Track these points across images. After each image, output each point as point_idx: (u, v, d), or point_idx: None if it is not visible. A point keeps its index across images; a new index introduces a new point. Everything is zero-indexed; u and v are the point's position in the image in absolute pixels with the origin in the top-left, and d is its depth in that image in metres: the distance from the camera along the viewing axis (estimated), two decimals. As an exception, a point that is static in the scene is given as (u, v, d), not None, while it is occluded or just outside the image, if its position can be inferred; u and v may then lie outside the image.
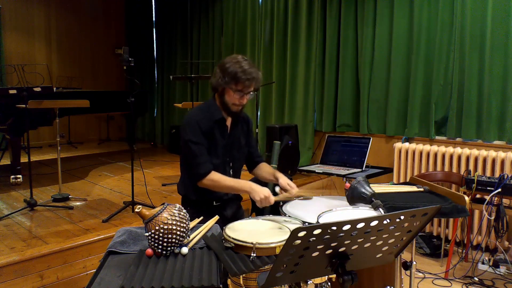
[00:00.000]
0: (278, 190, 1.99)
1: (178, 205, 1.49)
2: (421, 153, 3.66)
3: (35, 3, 6.92)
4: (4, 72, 5.98)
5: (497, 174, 3.20)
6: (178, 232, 1.40)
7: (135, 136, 7.62)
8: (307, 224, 1.62)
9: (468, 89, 3.50)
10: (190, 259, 1.38)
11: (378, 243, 1.12)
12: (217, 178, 1.92)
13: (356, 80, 4.41)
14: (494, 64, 3.35)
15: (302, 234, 0.95)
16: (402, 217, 1.09)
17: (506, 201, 2.88)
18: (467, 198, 1.92)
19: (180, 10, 6.76)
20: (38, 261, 2.38)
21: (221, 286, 1.22)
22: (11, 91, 3.50)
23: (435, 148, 3.59)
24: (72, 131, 7.36)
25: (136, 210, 1.40)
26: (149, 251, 1.41)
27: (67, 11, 7.32)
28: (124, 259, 1.40)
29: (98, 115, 7.70)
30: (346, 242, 1.05)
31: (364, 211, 1.70)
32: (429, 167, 3.61)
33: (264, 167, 2.21)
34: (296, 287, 1.44)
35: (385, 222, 1.05)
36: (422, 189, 2.12)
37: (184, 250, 1.42)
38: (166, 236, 1.38)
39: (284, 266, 1.03)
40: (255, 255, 1.35)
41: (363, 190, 1.64)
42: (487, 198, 2.81)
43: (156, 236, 1.38)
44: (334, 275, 1.18)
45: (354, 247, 1.08)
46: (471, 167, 3.35)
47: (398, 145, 3.83)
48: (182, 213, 1.46)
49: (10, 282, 2.26)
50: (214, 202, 2.06)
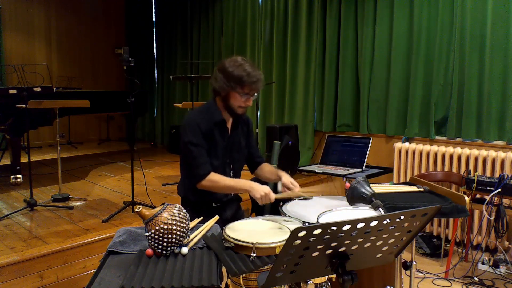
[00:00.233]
0: (280, 188, 1.99)
1: (178, 205, 1.49)
2: (421, 153, 3.66)
3: (35, 3, 6.92)
4: (4, 72, 5.97)
5: (497, 174, 3.20)
6: (178, 232, 1.40)
7: (135, 136, 7.62)
8: (307, 224, 1.62)
9: (468, 89, 3.50)
10: (190, 259, 1.38)
11: (378, 243, 1.12)
12: (216, 179, 1.92)
13: (356, 80, 4.41)
14: (494, 64, 3.35)
15: (302, 234, 0.95)
16: (402, 217, 1.09)
17: (506, 201, 2.88)
18: (467, 198, 1.92)
19: (180, 10, 6.76)
20: (38, 261, 2.38)
21: (221, 286, 1.22)
22: (11, 91, 3.50)
23: (435, 148, 3.59)
24: (72, 131, 7.36)
25: (136, 210, 1.40)
26: (149, 251, 1.41)
27: (67, 11, 7.32)
28: (124, 259, 1.41)
29: (98, 115, 7.70)
30: (346, 242, 1.05)
31: (364, 211, 1.70)
32: (429, 167, 3.61)
33: (266, 167, 2.22)
34: (296, 287, 1.44)
35: (385, 222, 1.05)
36: (422, 189, 2.12)
37: (184, 250, 1.42)
38: (166, 236, 1.38)
39: (284, 266, 1.03)
40: (255, 255, 1.35)
41: (363, 190, 1.64)
42: (487, 198, 2.81)
43: (156, 236, 1.38)
44: (334, 275, 1.18)
45: (354, 247, 1.08)
46: (471, 167, 3.35)
47: (398, 145, 3.83)
48: (182, 213, 1.46)
49: (10, 282, 2.26)
50: (214, 204, 2.06)
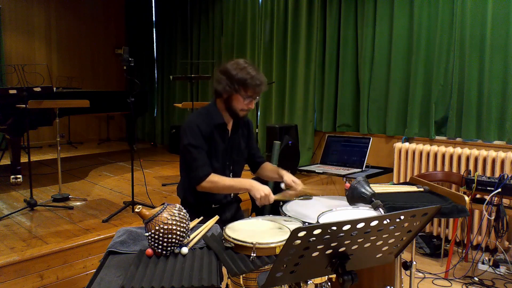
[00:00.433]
0: (283, 186, 1.99)
1: (178, 205, 1.49)
2: (421, 153, 3.66)
3: (35, 3, 6.92)
4: (4, 72, 5.97)
5: (497, 174, 3.20)
6: (178, 232, 1.40)
7: (135, 136, 7.62)
8: (307, 224, 1.62)
9: (468, 89, 3.50)
10: (190, 259, 1.38)
11: (378, 243, 1.12)
12: (216, 179, 1.93)
13: (356, 80, 4.41)
14: (494, 64, 3.35)
15: (302, 234, 0.95)
16: (402, 217, 1.09)
17: (506, 201, 2.88)
18: (467, 198, 1.92)
19: (180, 10, 6.76)
20: (38, 261, 2.38)
21: (221, 286, 1.22)
22: (11, 91, 3.50)
23: (435, 148, 3.59)
24: (72, 131, 7.36)
25: (136, 210, 1.40)
26: (149, 251, 1.41)
27: (67, 11, 7.32)
28: (124, 259, 1.41)
29: (98, 115, 7.70)
30: (346, 242, 1.05)
31: (364, 211, 1.70)
32: (429, 167, 3.61)
33: (267, 166, 2.23)
34: (296, 287, 1.44)
35: (385, 222, 1.05)
36: (422, 189, 2.12)
37: (184, 250, 1.42)
38: (166, 236, 1.38)
39: (284, 266, 1.03)
40: (255, 255, 1.35)
41: (363, 190, 1.64)
42: (487, 198, 2.81)
43: (156, 236, 1.38)
44: (334, 275, 1.18)
45: (354, 247, 1.08)
46: (471, 167, 3.35)
47: (398, 145, 3.83)
48: (182, 213, 1.46)
49: (10, 282, 2.26)
50: (213, 205, 2.07)
